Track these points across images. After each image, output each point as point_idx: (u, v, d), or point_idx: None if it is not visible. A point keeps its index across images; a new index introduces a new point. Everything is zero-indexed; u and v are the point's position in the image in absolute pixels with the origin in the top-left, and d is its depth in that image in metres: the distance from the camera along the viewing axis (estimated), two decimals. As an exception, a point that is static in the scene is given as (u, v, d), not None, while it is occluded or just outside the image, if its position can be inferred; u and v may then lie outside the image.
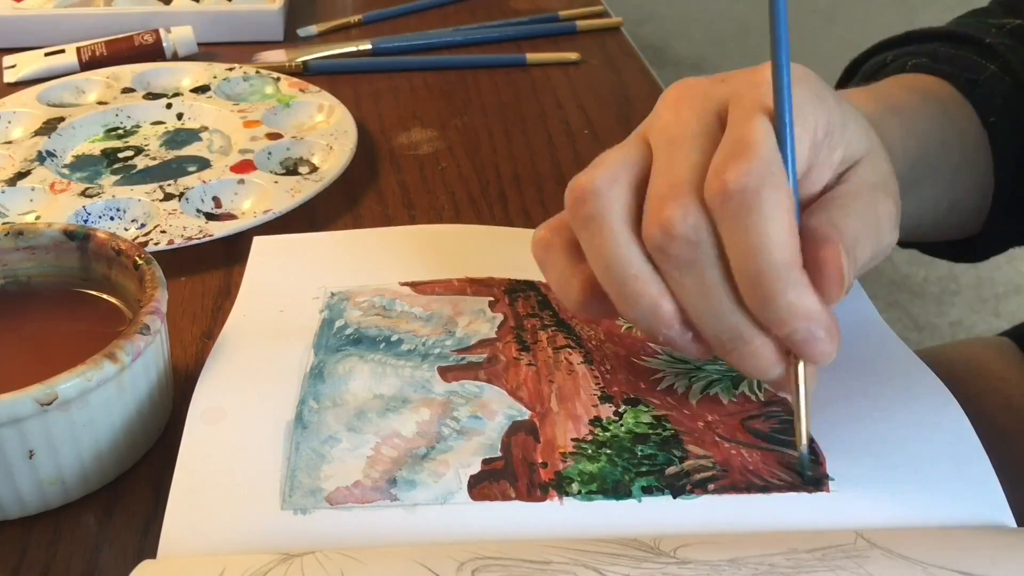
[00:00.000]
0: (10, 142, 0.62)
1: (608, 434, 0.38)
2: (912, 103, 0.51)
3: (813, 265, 0.34)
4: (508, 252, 0.49)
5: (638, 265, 0.36)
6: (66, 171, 0.60)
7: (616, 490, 0.36)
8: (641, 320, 0.37)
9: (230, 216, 0.56)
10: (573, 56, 0.76)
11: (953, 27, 0.58)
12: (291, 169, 0.61)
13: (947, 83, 0.54)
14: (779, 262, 0.33)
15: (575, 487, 0.36)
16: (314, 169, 0.60)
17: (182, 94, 0.68)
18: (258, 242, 0.51)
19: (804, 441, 0.36)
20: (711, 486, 0.36)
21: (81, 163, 0.62)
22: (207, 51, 0.77)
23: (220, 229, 0.53)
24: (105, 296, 0.43)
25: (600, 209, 0.36)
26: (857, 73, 0.60)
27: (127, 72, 0.70)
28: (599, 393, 0.40)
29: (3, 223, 0.46)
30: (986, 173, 0.55)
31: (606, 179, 0.36)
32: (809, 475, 0.36)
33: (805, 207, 0.36)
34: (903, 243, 0.55)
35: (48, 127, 0.63)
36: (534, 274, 0.48)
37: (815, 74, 0.37)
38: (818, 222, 0.35)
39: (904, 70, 0.55)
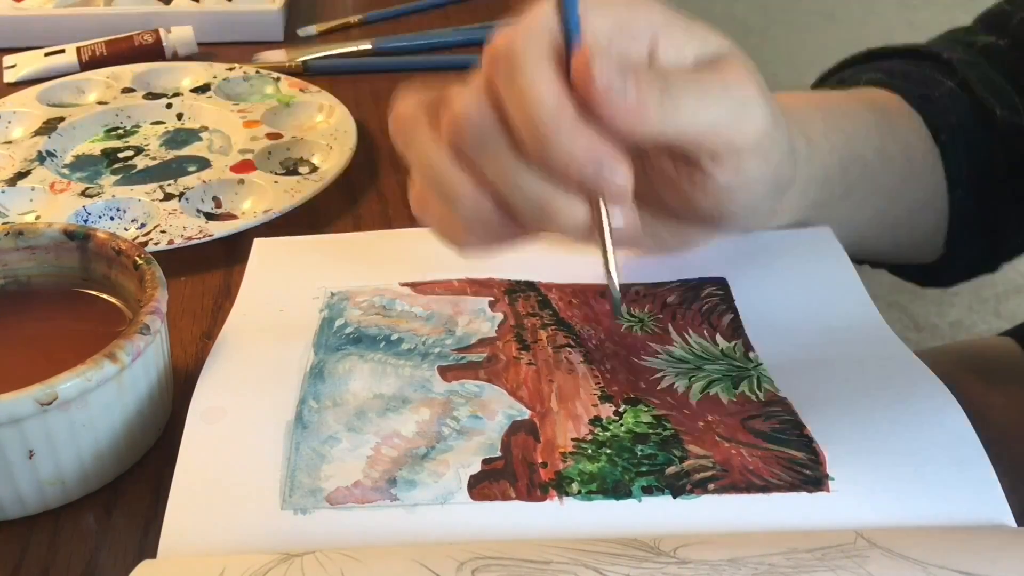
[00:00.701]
0: (10, 142, 0.62)
1: (608, 434, 0.38)
2: (844, 105, 0.50)
3: (575, 81, 0.35)
4: (508, 252, 0.49)
5: (444, 163, 0.38)
6: (66, 171, 0.60)
7: (616, 490, 0.36)
8: (461, 217, 0.39)
9: (230, 216, 0.56)
10: (573, 56, 0.76)
11: (917, 45, 0.57)
12: (291, 169, 0.61)
13: (899, 98, 0.53)
14: (546, 110, 0.34)
15: (575, 487, 0.36)
16: (314, 169, 0.60)
17: (182, 94, 0.68)
18: (258, 244, 0.51)
19: (615, 277, 0.38)
20: (711, 486, 0.36)
21: (81, 163, 0.62)
22: (207, 51, 0.77)
23: (220, 229, 0.53)
24: (105, 296, 0.43)
25: (411, 132, 0.39)
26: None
27: (127, 72, 0.70)
28: (599, 393, 0.40)
29: (3, 223, 0.46)
30: (938, 191, 0.54)
31: (414, 103, 0.40)
32: (623, 314, 0.39)
33: None
34: (864, 260, 0.55)
35: (48, 127, 0.63)
36: (534, 274, 0.48)
37: None
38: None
39: (858, 85, 0.55)
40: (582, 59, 0.35)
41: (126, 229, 0.54)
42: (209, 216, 0.56)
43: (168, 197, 0.56)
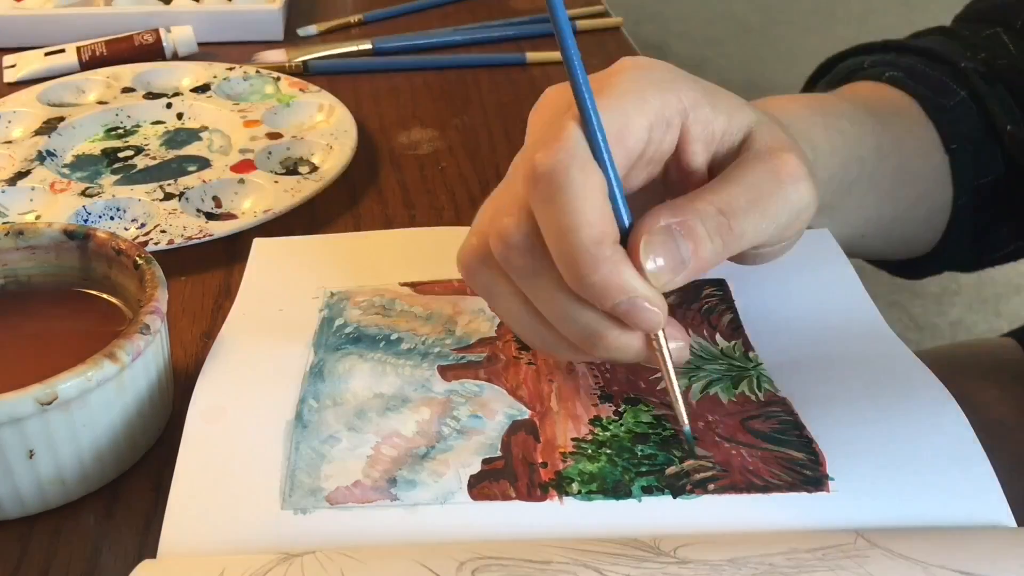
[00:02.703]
0: (10, 142, 0.62)
1: (608, 434, 0.38)
2: (840, 107, 0.51)
3: (635, 250, 0.34)
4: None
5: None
6: (66, 171, 0.60)
7: (616, 490, 0.36)
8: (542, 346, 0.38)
9: (230, 216, 0.56)
10: (573, 56, 0.76)
11: (930, 44, 0.58)
12: (291, 169, 0.61)
13: (915, 102, 0.54)
14: (587, 240, 0.33)
15: (575, 487, 0.36)
16: (314, 169, 0.60)
17: (182, 94, 0.68)
18: (258, 244, 0.51)
19: (685, 418, 0.37)
20: (711, 486, 0.36)
21: (81, 163, 0.62)
22: (207, 51, 0.77)
23: (220, 229, 0.53)
24: (105, 296, 0.43)
25: (486, 280, 0.37)
26: (831, 71, 0.60)
27: (127, 72, 0.70)
28: (599, 393, 0.40)
29: (3, 223, 0.46)
30: (941, 195, 0.55)
31: (476, 247, 0.37)
32: (695, 450, 0.37)
33: (697, 186, 0.37)
34: (855, 255, 0.55)
35: (48, 127, 0.63)
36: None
37: (668, 64, 0.37)
38: (655, 210, 0.35)
39: (880, 79, 0.55)
40: (635, 249, 0.34)
41: (126, 229, 0.54)
42: (209, 216, 0.56)
43: (168, 197, 0.56)
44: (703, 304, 0.46)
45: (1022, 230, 0.58)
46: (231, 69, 0.71)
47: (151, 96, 0.68)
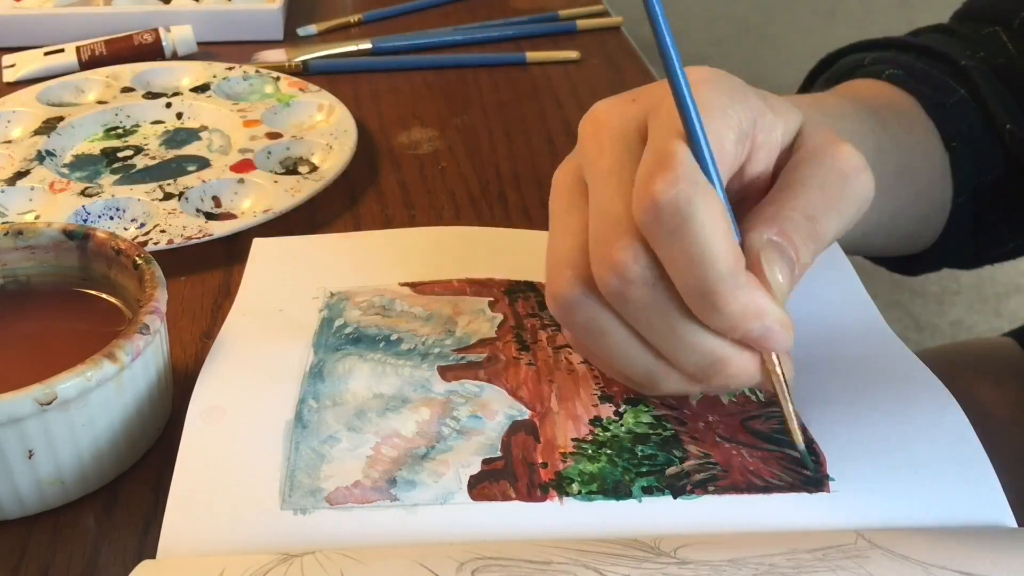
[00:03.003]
0: (9, 141, 0.62)
1: (608, 434, 0.38)
2: (841, 106, 0.51)
3: (756, 269, 0.34)
4: (508, 252, 0.49)
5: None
6: (65, 170, 0.60)
7: (616, 490, 0.36)
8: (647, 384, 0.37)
9: (230, 216, 0.56)
10: (573, 55, 0.76)
11: (930, 41, 0.58)
12: (291, 168, 0.61)
13: (915, 101, 0.55)
14: (723, 271, 0.32)
15: (575, 487, 0.36)
16: (314, 168, 0.60)
17: (182, 93, 0.68)
18: (258, 243, 0.51)
19: (799, 436, 0.36)
20: (711, 486, 0.36)
21: (80, 162, 0.62)
22: (207, 50, 0.77)
23: (220, 228, 0.53)
24: (105, 296, 0.43)
25: (590, 316, 0.35)
26: (831, 67, 0.61)
27: (127, 71, 0.70)
28: (599, 393, 0.40)
29: (3, 223, 0.46)
30: (941, 193, 0.55)
31: (572, 280, 0.35)
32: (812, 472, 0.36)
33: (758, 192, 0.36)
34: (856, 253, 0.55)
35: (47, 126, 0.63)
36: (534, 275, 0.48)
37: (725, 72, 0.37)
38: (753, 226, 0.34)
39: (880, 77, 0.55)
40: (754, 264, 0.34)
41: (126, 229, 0.54)
42: (209, 216, 0.56)
43: (168, 197, 0.56)
44: (703, 304, 0.46)
45: (1020, 228, 0.58)
46: (231, 69, 0.71)
47: (151, 96, 0.67)
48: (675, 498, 0.36)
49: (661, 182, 0.32)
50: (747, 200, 0.37)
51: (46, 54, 0.74)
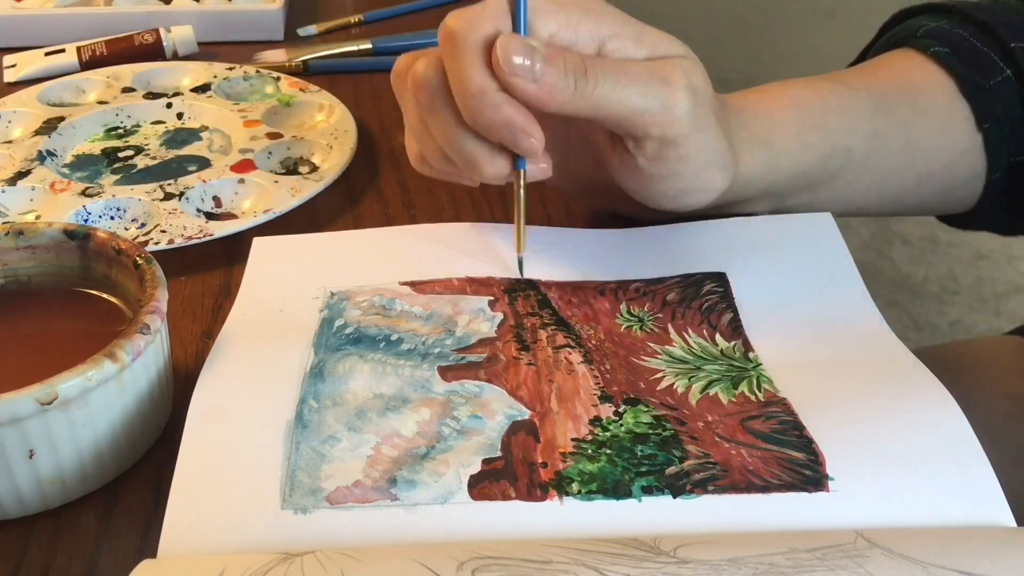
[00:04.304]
0: (10, 142, 0.62)
1: (608, 434, 0.38)
2: (831, 99, 0.53)
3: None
4: (508, 252, 0.49)
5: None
6: (66, 170, 0.60)
7: (616, 490, 0.36)
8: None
9: (230, 216, 0.56)
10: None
11: (992, 17, 0.58)
12: (291, 169, 0.61)
13: (951, 81, 0.55)
14: (474, 87, 0.41)
15: (575, 487, 0.36)
16: (314, 169, 0.60)
17: (182, 93, 0.68)
18: (258, 243, 0.51)
19: (523, 245, 0.47)
20: (711, 486, 0.36)
21: (81, 162, 0.62)
22: (207, 50, 0.77)
23: (220, 228, 0.53)
24: (105, 296, 0.43)
25: (399, 90, 0.47)
26: (894, 27, 0.62)
27: (127, 71, 0.70)
28: (599, 393, 0.40)
29: (3, 223, 0.46)
30: (965, 171, 0.57)
31: (402, 64, 0.46)
32: (522, 271, 0.47)
33: None
34: (857, 214, 0.58)
35: (48, 127, 0.63)
36: (534, 274, 0.48)
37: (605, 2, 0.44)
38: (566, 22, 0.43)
39: (925, 51, 0.56)
40: (497, 44, 0.41)
41: (126, 229, 0.54)
42: (209, 216, 0.56)
43: (168, 197, 0.56)
44: (703, 302, 0.46)
45: None
46: (231, 69, 0.71)
47: (151, 96, 0.68)
48: (675, 498, 0.36)
49: (454, 17, 0.42)
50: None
51: (47, 54, 0.74)
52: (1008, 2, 0.60)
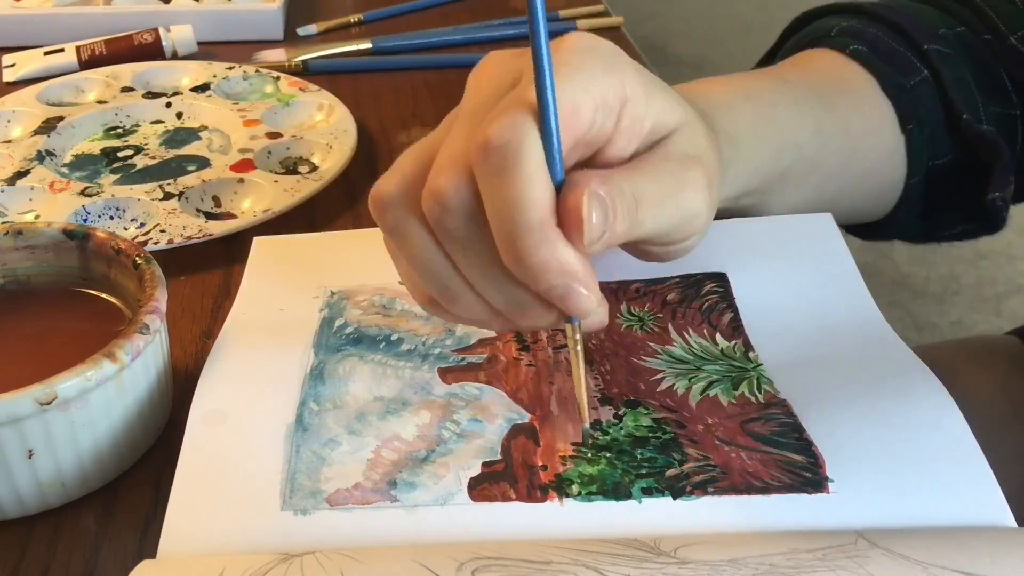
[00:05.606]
0: (9, 141, 0.62)
1: (608, 437, 0.38)
2: (778, 90, 0.51)
3: (564, 214, 0.34)
4: None
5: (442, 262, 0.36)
6: (65, 170, 0.60)
7: (616, 491, 0.36)
8: (463, 317, 0.37)
9: (230, 215, 0.56)
10: (573, 55, 0.76)
11: (905, 12, 0.57)
12: (291, 168, 0.61)
13: (873, 80, 0.54)
14: (532, 220, 0.32)
15: (575, 488, 0.36)
16: (314, 168, 0.60)
17: (182, 93, 0.68)
18: (258, 243, 0.51)
19: (586, 412, 0.38)
20: (711, 488, 0.36)
21: (80, 162, 0.62)
22: (207, 50, 0.77)
23: (220, 228, 0.53)
24: (105, 295, 0.43)
25: (399, 220, 0.36)
26: (800, 29, 0.61)
27: (126, 71, 0.70)
28: (599, 395, 0.40)
29: (3, 222, 0.46)
30: (892, 173, 0.56)
31: (399, 184, 0.35)
32: (590, 443, 0.38)
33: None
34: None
35: (47, 126, 0.63)
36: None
37: (614, 46, 0.37)
38: (584, 175, 0.34)
39: (843, 51, 0.55)
40: (577, 201, 0.33)
41: (126, 228, 0.54)
42: (209, 215, 0.56)
43: (168, 196, 0.56)
44: (704, 302, 0.46)
45: (967, 215, 0.58)
46: (231, 68, 0.71)
47: (150, 95, 0.68)
48: (675, 499, 0.36)
49: (496, 125, 0.33)
50: None
51: (46, 54, 0.74)
52: (907, 3, 0.59)
